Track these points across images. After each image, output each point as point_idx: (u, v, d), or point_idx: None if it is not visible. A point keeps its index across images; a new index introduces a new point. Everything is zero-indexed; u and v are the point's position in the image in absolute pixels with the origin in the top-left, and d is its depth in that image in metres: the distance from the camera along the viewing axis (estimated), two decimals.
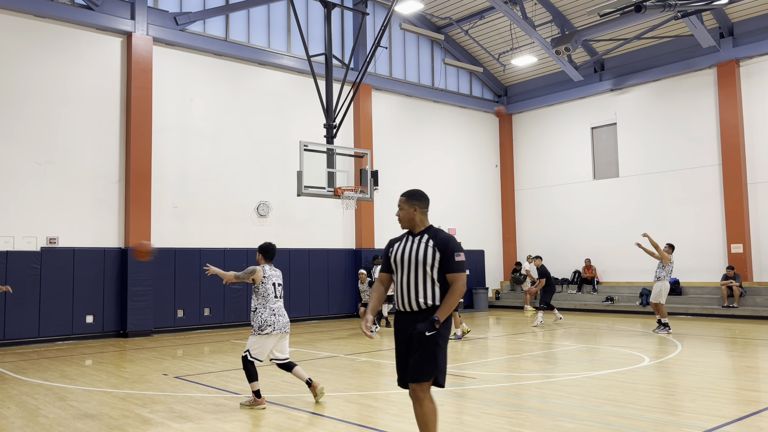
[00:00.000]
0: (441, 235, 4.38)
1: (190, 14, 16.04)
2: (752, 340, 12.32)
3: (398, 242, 4.52)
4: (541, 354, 11.00)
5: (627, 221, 20.26)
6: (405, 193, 4.54)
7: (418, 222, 4.46)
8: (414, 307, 4.31)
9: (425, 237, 4.38)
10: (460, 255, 4.29)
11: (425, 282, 4.29)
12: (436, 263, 4.28)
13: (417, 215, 4.47)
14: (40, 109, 14.02)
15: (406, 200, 4.49)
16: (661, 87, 19.84)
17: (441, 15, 20.97)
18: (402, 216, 4.50)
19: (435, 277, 4.29)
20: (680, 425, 5.78)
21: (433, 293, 4.29)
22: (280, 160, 17.55)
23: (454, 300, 4.24)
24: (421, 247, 4.33)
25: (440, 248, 4.29)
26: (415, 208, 4.47)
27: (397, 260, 4.42)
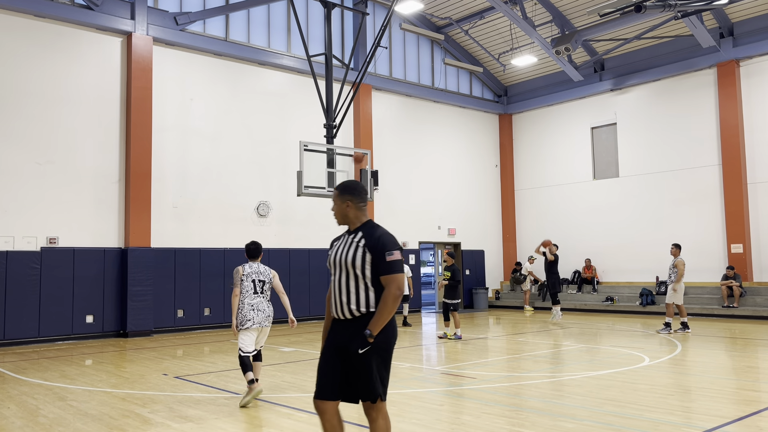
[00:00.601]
0: (374, 232, 3.86)
1: (190, 14, 16.05)
2: (752, 340, 12.32)
3: (336, 242, 4.08)
4: (541, 354, 11.00)
5: (627, 221, 20.27)
6: (337, 186, 4.08)
7: (352, 218, 3.99)
8: (347, 314, 3.83)
9: (359, 235, 3.91)
10: (393, 254, 3.79)
11: (358, 286, 3.82)
12: (367, 265, 3.79)
13: (351, 211, 3.98)
14: (40, 108, 14.02)
15: (338, 194, 4.02)
16: (661, 87, 19.85)
17: (441, 15, 20.97)
18: (335, 212, 4.05)
19: (369, 280, 3.80)
20: (680, 425, 5.78)
21: (368, 299, 3.81)
22: (280, 160, 17.55)
23: (389, 308, 3.73)
24: (352, 247, 3.86)
25: (371, 247, 3.80)
26: (347, 203, 3.97)
27: (331, 262, 3.98)
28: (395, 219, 20.26)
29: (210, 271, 15.95)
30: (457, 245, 22.31)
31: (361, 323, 3.78)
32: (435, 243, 22.04)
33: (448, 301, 13.34)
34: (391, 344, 3.85)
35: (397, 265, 3.79)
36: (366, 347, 3.70)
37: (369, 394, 3.75)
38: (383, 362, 3.79)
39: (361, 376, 3.74)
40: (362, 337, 3.70)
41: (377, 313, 3.74)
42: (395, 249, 3.82)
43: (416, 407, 6.83)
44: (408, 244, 20.70)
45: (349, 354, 3.74)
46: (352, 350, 3.70)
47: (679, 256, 13.86)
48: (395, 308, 3.74)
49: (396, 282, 3.75)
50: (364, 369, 3.73)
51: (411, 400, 7.19)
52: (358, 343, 3.70)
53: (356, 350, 3.69)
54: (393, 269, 3.77)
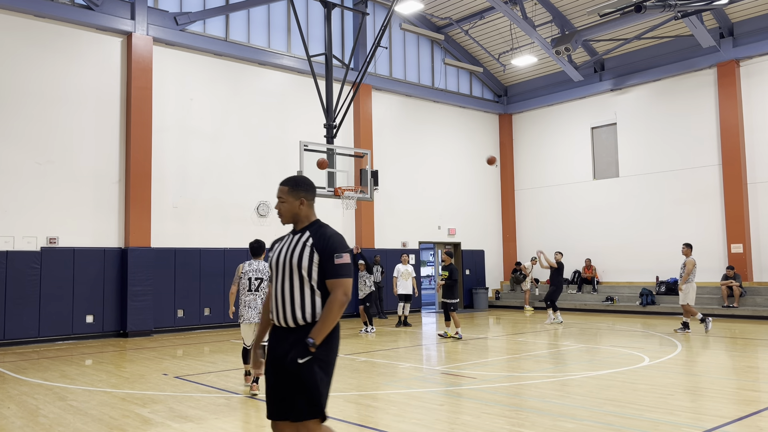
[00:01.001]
0: (323, 231, 3.56)
1: (190, 14, 16.05)
2: (752, 340, 12.32)
3: (279, 242, 3.73)
4: (541, 354, 11.00)
5: (627, 221, 20.27)
6: (288, 180, 3.68)
7: (302, 217, 3.64)
8: (290, 322, 3.47)
9: (305, 235, 3.57)
10: (343, 257, 3.47)
11: (302, 291, 3.47)
12: (314, 267, 3.46)
13: (303, 209, 3.64)
14: (40, 108, 14.02)
15: (291, 190, 3.63)
16: (661, 87, 19.85)
17: (441, 15, 20.97)
18: (284, 210, 3.65)
19: (315, 284, 3.47)
20: (680, 425, 5.78)
21: (313, 305, 3.47)
22: (280, 160, 17.55)
23: (334, 314, 3.40)
24: (298, 248, 3.51)
25: (319, 248, 3.47)
26: (302, 200, 3.63)
27: (273, 264, 3.62)
28: (395, 219, 20.27)
29: (210, 271, 15.94)
30: (457, 245, 22.30)
31: (304, 332, 3.43)
32: (435, 243, 22.03)
33: (447, 301, 13.34)
34: (334, 356, 3.51)
35: (345, 269, 3.48)
36: (306, 357, 3.33)
37: (308, 411, 3.36)
38: (325, 375, 3.43)
39: (301, 391, 3.37)
40: (303, 345, 3.34)
41: (321, 320, 3.40)
42: (345, 252, 3.51)
43: (416, 407, 6.83)
44: (408, 244, 20.70)
45: (286, 365, 3.38)
46: (291, 360, 3.34)
47: (690, 256, 13.66)
48: (340, 315, 3.43)
49: (343, 287, 3.44)
50: (303, 382, 3.35)
51: (411, 400, 7.19)
52: (298, 352, 3.34)
53: (295, 360, 3.32)
54: (341, 273, 3.46)
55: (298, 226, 3.66)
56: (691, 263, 13.55)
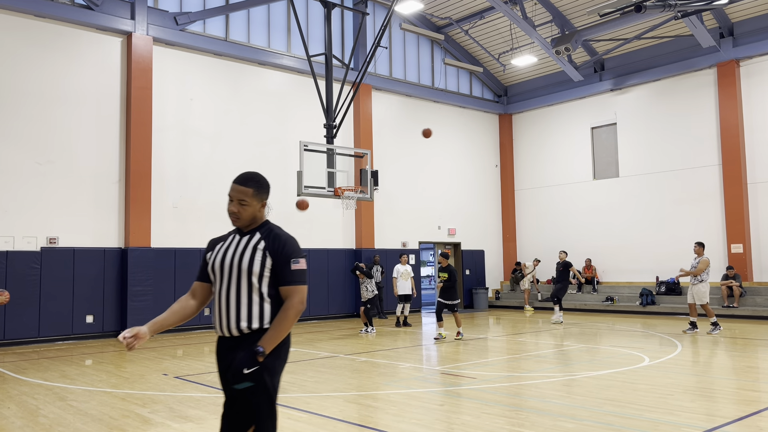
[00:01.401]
0: (277, 234, 3.29)
1: (190, 14, 16.05)
2: (752, 340, 12.32)
3: (221, 243, 3.42)
4: (541, 354, 11.00)
5: (627, 221, 20.28)
6: (250, 181, 3.32)
7: (258, 218, 3.38)
8: (233, 330, 3.21)
9: (255, 237, 3.30)
10: (299, 262, 3.23)
11: (251, 297, 3.21)
12: (266, 272, 3.20)
13: (262, 211, 3.39)
14: (39, 108, 14.02)
15: (256, 192, 3.32)
16: (661, 87, 19.85)
17: (441, 15, 20.97)
18: (245, 214, 3.31)
19: (265, 290, 3.22)
20: (680, 425, 5.77)
21: (262, 313, 3.20)
22: (280, 160, 17.55)
23: (288, 322, 3.15)
24: (248, 251, 3.24)
25: (272, 252, 3.22)
26: (263, 203, 3.37)
27: (216, 267, 3.32)
28: (395, 219, 20.27)
29: None
30: (457, 245, 22.31)
31: (251, 342, 3.16)
32: (435, 243, 22.03)
33: (445, 302, 13.21)
34: (282, 368, 3.24)
35: (302, 275, 3.24)
36: (254, 366, 3.06)
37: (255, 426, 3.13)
38: (271, 387, 3.16)
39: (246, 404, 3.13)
40: (250, 353, 3.07)
41: (273, 328, 3.14)
42: (301, 257, 3.27)
43: (416, 407, 6.83)
44: (408, 244, 20.70)
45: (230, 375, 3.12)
46: (235, 370, 3.07)
47: (703, 255, 13.42)
48: (294, 324, 3.20)
49: (300, 294, 3.20)
50: (251, 395, 3.10)
51: (411, 400, 7.19)
52: (245, 360, 3.06)
53: (241, 370, 3.05)
54: (298, 279, 3.22)
55: (247, 227, 3.36)
56: (706, 262, 13.29)
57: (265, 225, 3.38)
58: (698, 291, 13.32)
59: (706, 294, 13.30)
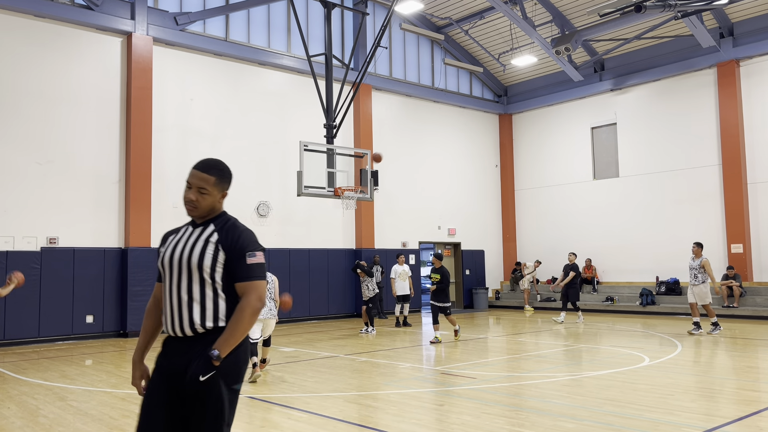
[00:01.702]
0: (231, 226, 3.06)
1: (190, 14, 16.04)
2: (752, 340, 12.32)
3: (172, 236, 3.15)
4: (541, 354, 11.00)
5: (627, 221, 20.28)
6: (213, 168, 3.06)
7: (216, 210, 3.14)
8: (186, 330, 2.92)
9: (209, 229, 3.04)
10: (256, 255, 2.97)
11: (203, 294, 2.94)
12: (218, 267, 2.95)
13: (221, 203, 3.15)
14: (40, 108, 14.02)
15: (218, 181, 3.07)
16: (661, 87, 19.85)
17: (441, 15, 20.97)
18: (204, 203, 3.05)
19: (219, 287, 2.96)
20: (680, 425, 5.77)
21: (216, 309, 2.94)
22: (280, 160, 17.55)
23: (246, 322, 2.86)
24: (199, 244, 2.98)
25: (226, 246, 2.96)
26: (224, 193, 3.14)
27: (165, 262, 3.04)
28: (395, 219, 20.27)
29: None
30: (457, 245, 22.31)
31: (205, 342, 2.88)
32: (435, 243, 22.04)
33: (438, 304, 12.63)
34: (242, 372, 2.97)
35: (259, 270, 2.97)
36: (210, 373, 2.78)
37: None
38: (230, 395, 2.88)
39: (201, 415, 2.82)
40: (205, 359, 2.79)
41: (229, 329, 2.85)
42: (258, 250, 3.01)
43: (416, 407, 6.83)
44: (408, 244, 20.70)
45: (185, 384, 2.80)
46: (191, 378, 2.77)
47: (702, 256, 13.22)
48: (252, 324, 2.90)
49: (257, 291, 2.92)
50: (204, 404, 2.81)
51: (411, 400, 7.19)
52: (200, 367, 2.77)
53: (196, 377, 2.76)
54: (255, 275, 2.95)
55: (202, 218, 3.10)
56: (710, 264, 13.19)
57: (220, 217, 3.11)
58: (700, 291, 13.18)
59: (708, 294, 13.21)
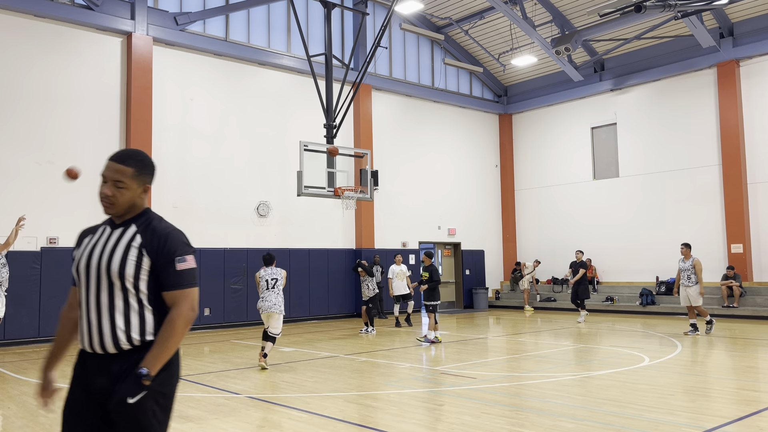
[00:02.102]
0: (157, 227, 2.70)
1: (190, 14, 16.04)
2: (752, 340, 12.32)
3: (89, 237, 2.77)
4: (541, 354, 11.00)
5: (627, 221, 20.27)
6: (128, 158, 2.70)
7: (137, 207, 2.76)
8: (109, 347, 2.58)
9: (130, 231, 2.68)
10: (186, 260, 2.63)
11: (127, 306, 2.59)
12: (143, 275, 2.60)
13: (143, 198, 2.78)
14: (40, 109, 14.02)
15: (137, 173, 2.70)
16: (661, 87, 19.84)
17: (441, 15, 20.97)
18: (122, 199, 2.68)
19: (144, 297, 2.61)
20: (680, 425, 5.78)
21: (142, 324, 2.60)
22: (280, 160, 17.55)
23: (178, 335, 2.56)
24: (120, 249, 2.62)
25: (151, 250, 2.61)
26: (146, 186, 2.77)
27: (81, 269, 2.67)
28: (395, 219, 20.27)
29: (210, 271, 15.94)
30: (457, 245, 22.31)
31: (130, 360, 2.55)
32: (435, 243, 22.04)
33: (428, 303, 12.36)
34: (174, 389, 2.68)
35: (190, 277, 2.64)
36: (140, 394, 2.47)
37: None
38: (162, 415, 2.61)
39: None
40: (134, 378, 2.48)
41: (159, 344, 2.54)
42: (188, 253, 2.66)
43: (416, 407, 6.83)
44: (408, 244, 20.70)
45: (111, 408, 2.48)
46: (118, 402, 2.46)
47: (691, 257, 13.17)
48: (184, 335, 2.60)
49: (189, 300, 2.61)
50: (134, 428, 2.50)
51: (411, 400, 7.20)
52: (128, 389, 2.46)
53: (124, 401, 2.45)
54: (186, 282, 2.62)
55: (122, 216, 2.73)
56: (701, 265, 13.15)
57: (143, 215, 2.74)
58: (693, 293, 13.10)
59: (701, 297, 13.17)
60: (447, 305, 22.13)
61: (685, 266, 13.17)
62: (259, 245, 16.89)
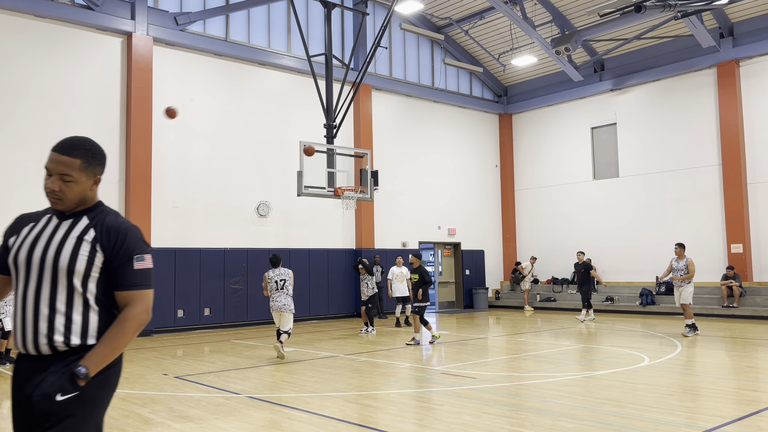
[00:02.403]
0: (112, 222, 2.47)
1: (190, 14, 16.04)
2: (752, 340, 12.32)
3: (29, 225, 2.53)
4: (541, 354, 11.00)
5: (627, 221, 20.27)
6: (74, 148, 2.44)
7: (88, 200, 2.52)
8: (44, 347, 2.36)
9: (81, 223, 2.46)
10: (144, 259, 2.45)
11: (70, 305, 2.38)
12: (94, 273, 2.40)
13: (94, 190, 2.54)
14: (40, 109, 14.02)
15: (85, 165, 2.45)
16: (661, 87, 19.84)
17: (441, 15, 20.97)
18: (70, 193, 2.44)
19: (92, 296, 2.41)
20: (680, 425, 5.78)
21: (86, 325, 2.39)
22: (280, 160, 17.55)
23: (127, 337, 2.38)
24: (69, 242, 2.40)
25: (106, 246, 2.41)
26: (97, 178, 2.52)
27: (20, 260, 2.43)
28: (395, 219, 20.27)
29: (210, 271, 15.95)
30: (457, 245, 22.31)
31: (68, 362, 2.35)
32: (435, 243, 22.04)
33: (418, 305, 12.16)
34: (110, 398, 2.46)
35: (147, 277, 2.45)
36: (71, 393, 2.25)
37: None
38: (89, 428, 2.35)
39: None
40: (69, 375, 2.27)
41: (106, 342, 2.35)
42: (147, 252, 2.48)
43: (416, 407, 6.83)
44: (408, 244, 20.70)
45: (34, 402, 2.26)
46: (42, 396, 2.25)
47: (685, 257, 13.08)
48: (132, 340, 2.43)
49: (145, 302, 2.43)
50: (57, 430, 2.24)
51: (411, 400, 7.20)
52: (59, 384, 2.25)
53: (51, 396, 2.23)
54: (143, 282, 2.44)
55: (72, 208, 2.50)
56: (694, 266, 13.09)
57: (96, 208, 2.53)
58: (685, 292, 13.03)
59: (691, 295, 13.11)
60: (447, 305, 22.14)
61: (679, 266, 13.11)
62: (259, 245, 16.90)
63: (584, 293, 16.90)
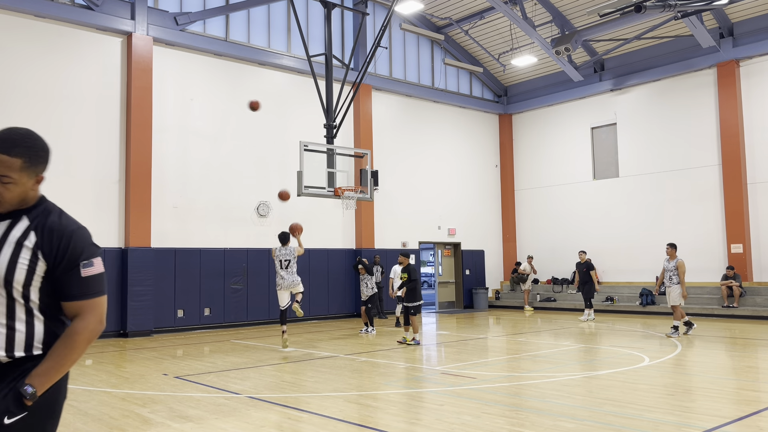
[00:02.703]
0: (56, 222, 2.24)
1: (190, 14, 16.04)
2: (752, 340, 12.32)
3: None
4: (541, 354, 11.00)
5: (627, 221, 20.27)
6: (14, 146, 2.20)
7: (29, 199, 2.28)
8: None
9: (20, 226, 2.22)
10: (93, 264, 2.23)
11: (12, 316, 2.18)
12: (36, 282, 2.19)
13: (36, 189, 2.31)
14: (40, 108, 14.02)
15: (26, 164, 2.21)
16: (661, 87, 19.85)
17: (441, 15, 20.97)
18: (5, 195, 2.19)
19: (35, 305, 2.21)
20: (680, 425, 5.78)
21: (30, 336, 2.20)
22: (280, 160, 17.55)
23: (77, 351, 2.19)
24: (7, 249, 2.17)
25: (48, 252, 2.19)
26: (38, 177, 2.28)
27: None
28: (395, 219, 20.28)
29: (210, 271, 15.95)
30: (457, 245, 22.31)
31: (12, 376, 2.17)
32: (435, 243, 22.05)
33: (408, 305, 12.21)
34: (60, 411, 2.28)
35: (98, 284, 2.24)
36: (19, 415, 2.10)
37: None
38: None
39: None
40: (14, 396, 2.11)
41: (54, 358, 2.16)
42: (95, 255, 2.26)
43: (416, 407, 6.83)
44: (408, 244, 20.70)
45: None
46: None
47: (676, 257, 13.10)
48: (83, 353, 2.22)
49: (97, 312, 2.23)
50: None
51: (411, 400, 7.20)
52: (6, 406, 2.10)
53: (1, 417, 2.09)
54: (93, 290, 2.22)
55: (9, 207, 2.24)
56: (684, 266, 13.05)
57: (37, 206, 2.28)
58: (674, 292, 12.93)
59: (679, 297, 12.99)
60: (447, 305, 22.14)
61: (669, 266, 13.09)
62: (259, 245, 16.89)
63: (586, 293, 16.97)
